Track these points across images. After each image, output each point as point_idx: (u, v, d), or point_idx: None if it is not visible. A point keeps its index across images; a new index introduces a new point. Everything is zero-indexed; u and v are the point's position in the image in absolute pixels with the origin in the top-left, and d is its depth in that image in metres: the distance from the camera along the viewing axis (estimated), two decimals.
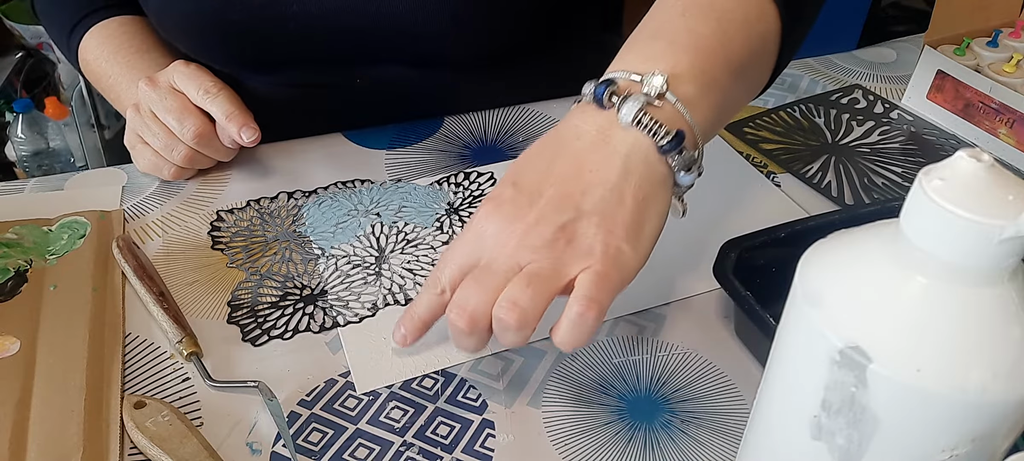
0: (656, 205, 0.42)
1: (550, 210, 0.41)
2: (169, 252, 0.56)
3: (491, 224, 0.42)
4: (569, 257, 0.40)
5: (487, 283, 0.40)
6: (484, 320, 0.40)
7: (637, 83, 0.43)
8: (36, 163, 1.63)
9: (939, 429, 0.26)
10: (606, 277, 0.40)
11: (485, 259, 0.41)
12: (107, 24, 0.69)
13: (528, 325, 0.39)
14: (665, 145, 0.41)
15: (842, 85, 0.78)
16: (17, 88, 1.64)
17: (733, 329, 0.50)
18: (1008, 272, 0.25)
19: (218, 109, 0.58)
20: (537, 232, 0.40)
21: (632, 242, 0.41)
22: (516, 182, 0.43)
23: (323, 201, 0.60)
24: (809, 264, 0.30)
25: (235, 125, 0.58)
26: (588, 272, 0.40)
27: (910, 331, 0.26)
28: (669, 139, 0.41)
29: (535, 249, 0.40)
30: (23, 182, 0.63)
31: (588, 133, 0.43)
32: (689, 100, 0.43)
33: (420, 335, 0.45)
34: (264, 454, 0.42)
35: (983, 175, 0.25)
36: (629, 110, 0.41)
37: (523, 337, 0.40)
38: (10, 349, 0.47)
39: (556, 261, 0.40)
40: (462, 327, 0.40)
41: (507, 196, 0.42)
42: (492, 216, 0.42)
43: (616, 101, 0.42)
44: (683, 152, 0.42)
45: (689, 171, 0.43)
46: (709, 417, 0.45)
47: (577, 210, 0.41)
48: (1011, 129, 0.66)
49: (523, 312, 0.39)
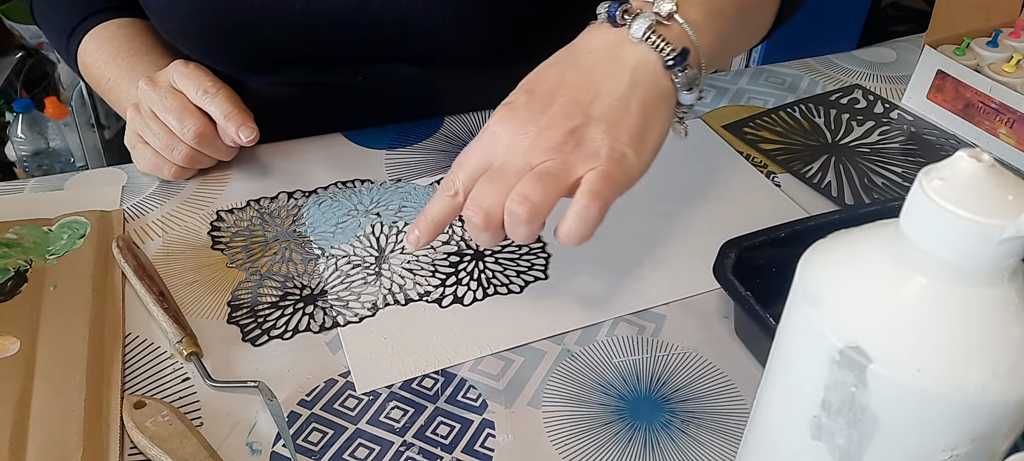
0: (659, 117, 0.46)
1: (560, 116, 0.44)
2: (169, 252, 0.56)
3: (504, 129, 0.45)
4: (577, 158, 0.43)
5: (500, 182, 0.44)
6: (498, 216, 0.43)
7: (648, 3, 0.46)
8: (36, 163, 1.63)
9: (939, 429, 0.26)
10: (610, 176, 0.43)
11: (499, 161, 0.45)
12: (106, 26, 0.69)
13: (538, 218, 0.42)
14: (670, 61, 0.45)
15: (842, 85, 0.78)
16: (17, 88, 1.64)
17: (733, 329, 0.50)
18: (1008, 272, 0.25)
19: (217, 109, 0.58)
20: (548, 135, 0.44)
21: (636, 147, 0.44)
22: (530, 90, 0.46)
23: (323, 201, 0.60)
24: (809, 264, 0.30)
25: (233, 125, 0.58)
26: (594, 171, 0.43)
27: (910, 331, 0.26)
28: (675, 55, 0.45)
29: (546, 150, 0.43)
30: (23, 182, 0.63)
31: (600, 48, 0.46)
32: (695, 23, 0.46)
33: (433, 236, 0.48)
34: (264, 454, 0.42)
35: (983, 175, 0.25)
36: (639, 27, 0.45)
37: (533, 230, 0.43)
38: (10, 349, 0.47)
39: (565, 161, 0.43)
40: (478, 222, 0.44)
41: (521, 102, 0.45)
42: (505, 121, 0.45)
43: (628, 19, 0.46)
44: (687, 70, 0.46)
45: (690, 90, 0.47)
46: (709, 417, 0.45)
47: (586, 116, 0.44)
48: (1011, 129, 0.66)
49: (534, 206, 0.42)
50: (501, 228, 0.44)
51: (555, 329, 0.50)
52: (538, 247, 0.56)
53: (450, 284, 0.53)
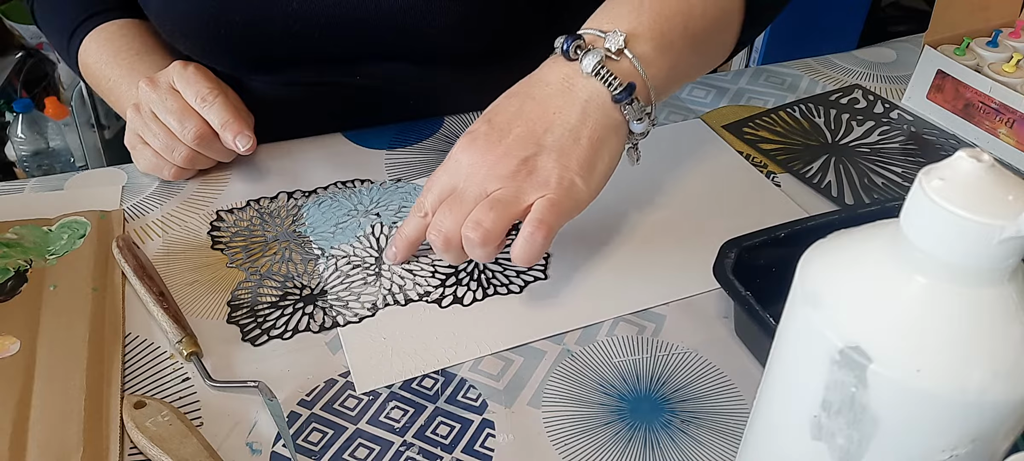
0: (609, 147, 0.49)
1: (516, 145, 0.48)
2: (169, 252, 0.56)
3: (466, 156, 0.49)
4: (529, 186, 0.47)
5: (458, 209, 0.48)
6: (456, 239, 0.48)
7: (600, 39, 0.50)
8: (36, 163, 1.63)
9: (939, 429, 0.26)
10: (558, 204, 0.47)
11: (459, 187, 0.49)
12: (106, 27, 0.69)
13: (491, 242, 0.47)
14: (618, 94, 0.49)
15: (842, 85, 0.78)
16: (17, 88, 1.64)
17: (733, 329, 0.50)
18: (1008, 272, 0.25)
19: (214, 116, 0.58)
20: (503, 164, 0.48)
21: (585, 176, 0.48)
22: (490, 120, 0.50)
23: (323, 201, 0.60)
24: (809, 264, 0.30)
25: (230, 133, 0.58)
26: (543, 200, 0.47)
27: (910, 331, 0.26)
28: (621, 89, 0.49)
29: (500, 178, 0.47)
30: (23, 182, 0.63)
31: (554, 81, 0.50)
32: (644, 57, 0.50)
33: (409, 253, 0.53)
34: (264, 454, 0.42)
35: (983, 175, 0.25)
36: (589, 62, 0.49)
37: (488, 253, 0.47)
38: (10, 349, 0.47)
39: (517, 189, 0.47)
40: (439, 244, 0.49)
41: (481, 132, 0.49)
42: (467, 149, 0.49)
43: (580, 54, 0.49)
44: (634, 103, 0.49)
45: (641, 120, 0.50)
46: (709, 417, 0.45)
47: (539, 146, 0.48)
48: (1011, 129, 0.66)
49: (486, 231, 0.46)
50: (461, 247, 0.48)
51: (555, 329, 0.50)
52: None
53: (450, 284, 0.53)
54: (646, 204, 0.60)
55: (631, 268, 0.55)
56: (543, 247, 0.46)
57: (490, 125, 0.49)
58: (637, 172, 0.64)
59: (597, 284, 0.53)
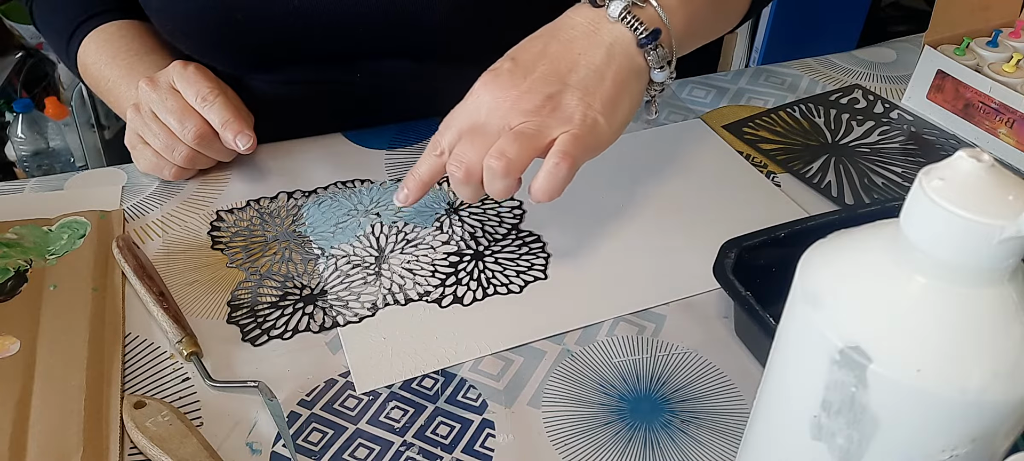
0: (630, 91, 0.51)
1: (540, 82, 0.49)
2: (169, 252, 0.56)
3: (487, 92, 0.50)
4: (553, 121, 0.48)
5: (480, 141, 0.48)
6: (477, 171, 0.48)
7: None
8: (36, 163, 1.63)
9: (939, 429, 0.26)
10: (581, 139, 0.47)
11: (480, 121, 0.49)
12: (105, 28, 0.69)
13: (513, 173, 0.47)
14: (643, 39, 0.50)
15: (842, 85, 0.78)
16: (17, 88, 1.64)
17: (733, 329, 0.50)
18: (1008, 272, 0.25)
19: (215, 116, 0.58)
20: (527, 98, 0.48)
21: (607, 116, 0.49)
22: (514, 58, 0.51)
23: (323, 201, 0.60)
24: (809, 264, 0.30)
25: (231, 132, 0.58)
26: (566, 134, 0.47)
27: (910, 331, 0.26)
28: (647, 34, 0.50)
29: (524, 113, 0.48)
30: (23, 182, 0.63)
31: (581, 24, 0.51)
32: (668, 7, 0.51)
33: (421, 194, 0.53)
34: (264, 454, 0.42)
35: (983, 175, 0.25)
36: (616, 7, 0.50)
37: (508, 186, 0.48)
38: (10, 349, 0.47)
39: (541, 123, 0.48)
40: (459, 176, 0.49)
41: (505, 68, 0.50)
42: (489, 85, 0.50)
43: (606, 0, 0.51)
44: (658, 48, 0.51)
45: (663, 69, 0.52)
46: (709, 417, 0.45)
47: (563, 83, 0.49)
48: (1011, 129, 0.66)
49: (510, 161, 0.46)
50: (481, 183, 0.49)
51: (555, 329, 0.50)
52: (538, 247, 0.56)
53: (450, 284, 0.53)
54: (646, 204, 0.60)
55: (631, 268, 0.55)
56: (566, 180, 0.47)
57: (514, 62, 0.50)
58: (637, 172, 0.64)
59: (597, 284, 0.53)
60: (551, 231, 0.58)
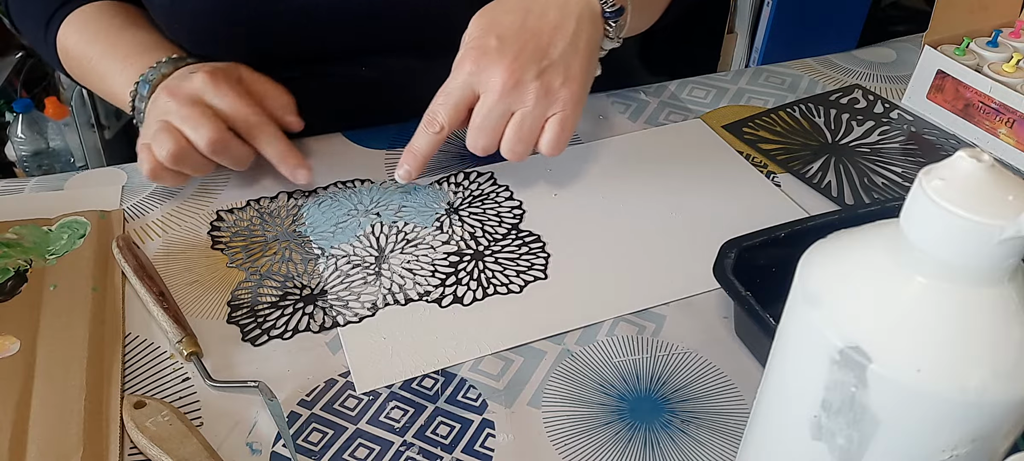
0: (595, 57, 0.58)
1: (529, 61, 0.54)
2: (169, 252, 0.56)
3: (482, 71, 0.54)
4: (546, 105, 0.55)
5: (489, 134, 0.55)
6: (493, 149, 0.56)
7: None
8: (36, 163, 1.63)
9: (939, 429, 0.26)
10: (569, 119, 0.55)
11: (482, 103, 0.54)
12: (84, 9, 0.67)
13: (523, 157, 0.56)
14: (610, 12, 0.57)
15: (842, 85, 0.78)
16: (17, 88, 1.64)
17: (733, 329, 0.50)
18: (1008, 272, 0.25)
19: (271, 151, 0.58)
20: (522, 88, 0.54)
21: (582, 84, 0.56)
22: (499, 35, 0.54)
23: (323, 201, 0.60)
24: (809, 264, 0.30)
25: (287, 167, 0.59)
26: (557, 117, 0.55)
27: (910, 331, 0.26)
28: (614, 9, 0.57)
29: (522, 102, 0.54)
30: (23, 182, 0.63)
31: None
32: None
33: (421, 170, 0.58)
34: (264, 454, 0.42)
35: (983, 175, 0.25)
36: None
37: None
38: (10, 349, 0.47)
39: (538, 116, 0.55)
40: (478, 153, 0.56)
41: (492, 46, 0.54)
42: (481, 62, 0.54)
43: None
44: (618, 22, 0.57)
45: (612, 40, 0.59)
46: (709, 417, 0.45)
47: (548, 59, 0.54)
48: (1011, 129, 0.66)
49: (520, 154, 0.56)
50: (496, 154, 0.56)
51: (555, 329, 0.50)
52: (538, 247, 0.56)
53: (450, 284, 0.53)
54: (646, 204, 0.60)
55: (631, 268, 0.55)
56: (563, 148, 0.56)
57: (501, 41, 0.54)
58: (637, 172, 0.64)
59: (597, 284, 0.53)
60: (551, 231, 0.58)
